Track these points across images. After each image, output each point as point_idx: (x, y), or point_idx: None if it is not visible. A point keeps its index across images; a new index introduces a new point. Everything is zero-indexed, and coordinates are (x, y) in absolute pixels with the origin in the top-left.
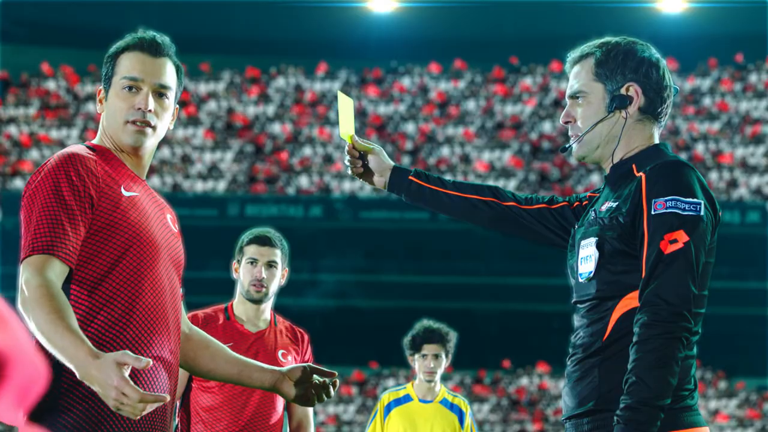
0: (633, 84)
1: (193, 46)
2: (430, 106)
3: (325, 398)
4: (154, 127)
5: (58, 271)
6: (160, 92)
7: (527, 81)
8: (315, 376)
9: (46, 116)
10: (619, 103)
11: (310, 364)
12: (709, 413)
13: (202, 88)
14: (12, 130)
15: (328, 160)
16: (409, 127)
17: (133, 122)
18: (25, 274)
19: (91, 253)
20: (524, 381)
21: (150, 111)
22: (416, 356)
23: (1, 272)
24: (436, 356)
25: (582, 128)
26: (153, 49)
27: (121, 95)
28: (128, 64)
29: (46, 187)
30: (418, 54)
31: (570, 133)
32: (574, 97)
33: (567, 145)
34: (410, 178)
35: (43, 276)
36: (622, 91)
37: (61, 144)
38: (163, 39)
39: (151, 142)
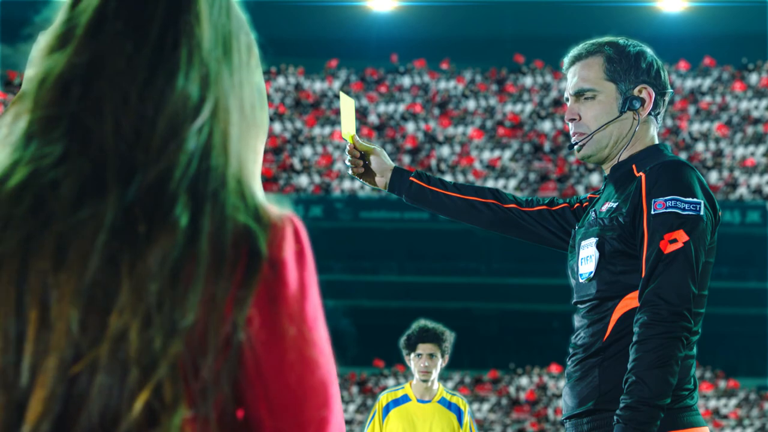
0: (646, 86)
1: None
2: (430, 106)
3: None
4: None
5: None
6: None
7: (527, 81)
8: None
9: None
10: (631, 104)
11: None
12: (708, 413)
13: None
14: None
15: (328, 160)
16: (410, 127)
17: None
18: None
19: None
20: (524, 381)
21: None
22: (412, 356)
23: None
24: (431, 356)
25: (591, 127)
26: None
27: None
28: None
29: None
30: (419, 53)
31: (574, 131)
32: (580, 94)
33: (574, 143)
34: (411, 179)
35: None
36: (635, 92)
37: None
38: None
39: None
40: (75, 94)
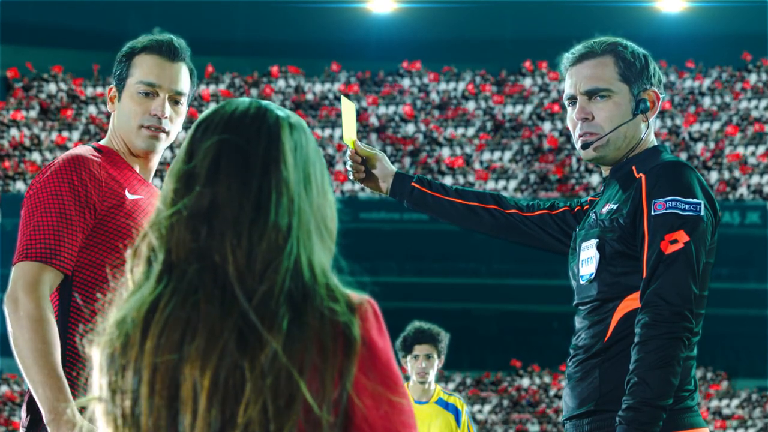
0: (655, 90)
1: (193, 48)
2: (430, 107)
3: None
4: (167, 133)
5: (51, 281)
6: (175, 99)
7: (527, 81)
8: None
9: (47, 119)
10: (643, 107)
11: None
12: (709, 413)
13: (204, 89)
14: (13, 132)
15: (328, 162)
16: (410, 128)
17: (148, 127)
18: (19, 282)
19: (95, 256)
20: (525, 382)
21: (166, 117)
22: (408, 357)
23: (0, 273)
24: (428, 357)
25: (605, 128)
26: (170, 53)
27: (137, 99)
28: (145, 68)
29: (48, 190)
30: (419, 55)
31: (585, 131)
32: (594, 93)
33: (586, 142)
34: (413, 184)
35: (36, 293)
36: (644, 95)
37: (63, 147)
38: (180, 42)
39: (163, 146)
40: (203, 234)
